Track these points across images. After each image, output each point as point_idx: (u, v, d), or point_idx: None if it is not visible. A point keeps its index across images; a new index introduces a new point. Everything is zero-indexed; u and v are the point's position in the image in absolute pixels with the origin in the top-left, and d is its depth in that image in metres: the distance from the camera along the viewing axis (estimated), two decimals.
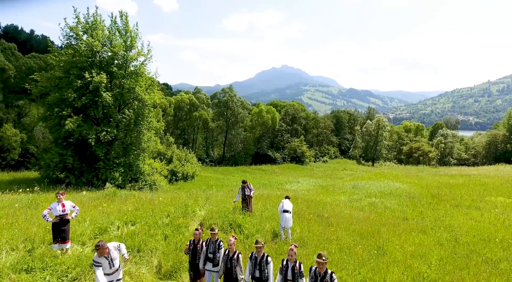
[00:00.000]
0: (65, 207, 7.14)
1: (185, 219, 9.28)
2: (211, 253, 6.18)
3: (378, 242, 10.09)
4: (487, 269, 8.58)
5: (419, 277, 7.80)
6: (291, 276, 5.43)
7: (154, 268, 6.87)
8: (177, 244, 7.81)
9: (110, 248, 5.37)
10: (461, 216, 14.93)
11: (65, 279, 5.92)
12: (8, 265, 5.85)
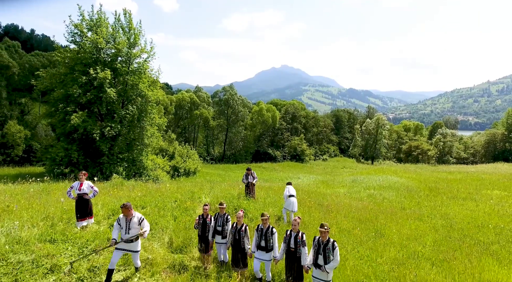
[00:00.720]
0: (83, 187, 7.64)
1: (192, 203, 9.77)
2: (219, 226, 6.66)
3: (375, 226, 10.57)
4: (479, 250, 9.05)
5: (414, 255, 8.27)
6: (293, 245, 5.89)
7: (165, 243, 7.35)
8: (186, 223, 8.30)
9: (134, 215, 5.83)
10: (457, 206, 15.40)
11: (85, 250, 6.39)
12: (34, 236, 6.32)
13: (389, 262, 7.64)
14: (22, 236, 6.18)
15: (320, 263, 5.59)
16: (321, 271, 5.58)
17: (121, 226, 5.83)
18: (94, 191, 7.85)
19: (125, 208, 5.73)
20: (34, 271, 5.42)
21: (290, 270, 5.90)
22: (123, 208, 5.75)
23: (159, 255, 6.69)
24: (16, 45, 44.50)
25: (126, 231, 5.83)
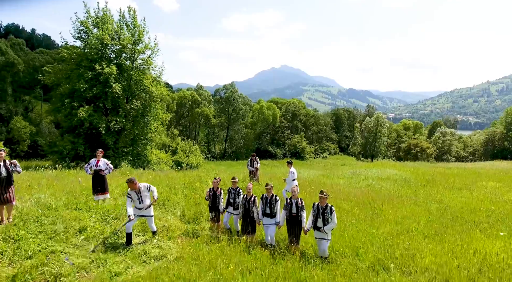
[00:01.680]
0: (99, 163, 8.29)
1: (201, 184, 10.40)
2: (232, 198, 7.31)
3: (373, 208, 11.19)
4: (469, 227, 9.66)
5: (408, 230, 8.87)
6: (295, 210, 6.53)
7: (178, 216, 7.96)
8: (196, 200, 8.93)
9: (140, 186, 6.46)
10: (452, 194, 16.01)
11: (107, 217, 7.01)
12: (61, 204, 6.94)
13: (385, 234, 8.25)
14: (51, 204, 6.80)
15: (319, 225, 6.22)
16: (320, 232, 6.21)
17: (133, 198, 6.45)
18: (110, 168, 8.50)
19: (130, 182, 6.36)
20: (65, 231, 6.04)
21: (292, 232, 6.54)
22: (129, 182, 6.37)
23: (174, 224, 7.31)
24: (21, 43, 45.20)
25: (140, 201, 6.45)
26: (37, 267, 4.82)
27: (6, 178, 6.35)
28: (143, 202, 6.47)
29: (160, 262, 5.56)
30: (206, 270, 4.93)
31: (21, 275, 4.67)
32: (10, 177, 6.42)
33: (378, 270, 6.00)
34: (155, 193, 6.64)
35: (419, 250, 7.17)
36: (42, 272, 4.77)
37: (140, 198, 6.43)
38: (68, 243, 5.75)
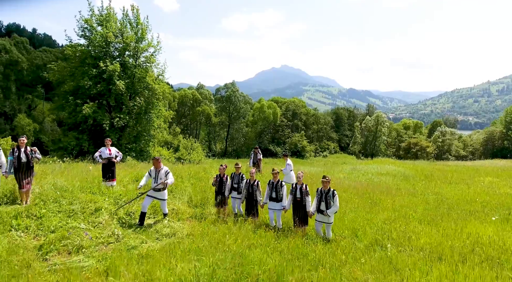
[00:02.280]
0: (111, 151, 8.72)
1: (206, 174, 10.80)
2: (235, 183, 7.71)
3: (372, 198, 11.57)
4: (464, 215, 10.04)
5: (405, 217, 9.26)
6: (299, 195, 6.91)
7: (185, 202, 8.37)
8: (202, 187, 9.33)
9: (162, 167, 6.89)
10: (449, 188, 16.38)
11: (119, 201, 7.41)
12: (76, 188, 7.34)
13: (382, 220, 8.63)
14: (67, 187, 7.20)
15: (323, 209, 6.60)
16: (323, 215, 6.60)
17: (151, 176, 6.90)
18: (120, 155, 8.94)
19: (155, 160, 6.81)
20: (82, 211, 6.44)
21: (297, 216, 6.93)
22: (154, 160, 6.85)
23: (182, 208, 7.71)
24: (25, 42, 45.60)
25: (155, 180, 6.89)
26: (60, 240, 5.22)
27: (26, 163, 6.76)
28: (157, 182, 6.90)
29: (171, 239, 5.96)
30: (216, 244, 5.32)
31: (47, 246, 5.08)
32: (29, 163, 6.83)
33: (376, 249, 6.38)
34: (170, 179, 7.03)
35: (415, 233, 7.56)
36: (65, 244, 5.17)
37: (156, 177, 6.88)
38: (85, 221, 6.15)
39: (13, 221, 5.59)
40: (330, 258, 5.29)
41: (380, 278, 4.62)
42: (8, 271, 4.10)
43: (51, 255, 4.91)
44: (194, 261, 4.49)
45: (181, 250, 5.12)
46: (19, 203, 6.72)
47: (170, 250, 5.19)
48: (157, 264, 4.44)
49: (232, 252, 5.04)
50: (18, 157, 6.81)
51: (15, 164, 6.80)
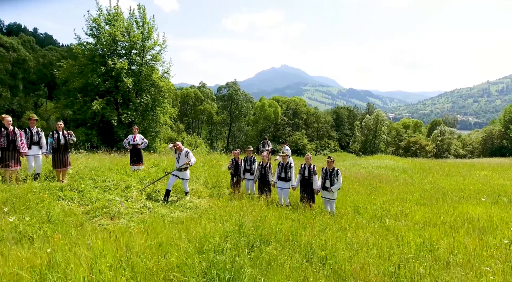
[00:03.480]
0: (136, 138, 9.56)
1: (218, 162, 11.60)
2: (248, 165, 8.51)
3: (372, 185, 12.37)
4: (457, 200, 10.83)
5: (402, 200, 10.05)
6: (307, 174, 7.71)
7: (202, 184, 9.16)
8: (215, 173, 10.14)
9: (183, 150, 7.70)
10: (446, 180, 17.18)
11: (144, 181, 8.21)
12: (106, 169, 8.14)
13: (381, 202, 9.43)
14: (99, 168, 7.99)
15: (327, 186, 7.41)
16: (328, 191, 7.40)
17: (175, 157, 7.70)
18: (145, 142, 9.81)
19: (176, 145, 7.64)
20: (115, 187, 7.24)
21: (305, 193, 7.72)
22: (174, 143, 7.68)
23: (199, 189, 8.52)
24: (31, 41, 46.43)
25: (178, 160, 7.70)
26: (102, 208, 6.01)
27: (64, 145, 7.56)
28: (178, 162, 7.72)
29: (195, 210, 6.75)
30: (235, 213, 6.11)
31: (92, 212, 5.88)
32: (67, 145, 7.63)
33: (375, 221, 7.17)
34: (192, 159, 7.84)
35: (411, 211, 8.36)
36: (107, 211, 5.95)
37: (178, 158, 7.71)
38: (119, 195, 6.93)
39: (59, 193, 6.38)
40: (336, 225, 6.09)
41: (378, 238, 5.41)
42: (67, 227, 4.87)
43: (96, 219, 5.69)
44: (221, 224, 5.27)
45: (206, 217, 5.90)
46: (57, 181, 7.50)
47: (196, 218, 5.98)
48: (189, 226, 5.22)
49: (251, 218, 5.82)
50: (57, 139, 7.64)
51: (54, 145, 7.62)
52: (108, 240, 4.05)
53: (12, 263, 3.31)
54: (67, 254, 3.48)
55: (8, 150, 6.97)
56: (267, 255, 4.06)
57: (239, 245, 4.19)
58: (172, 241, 4.24)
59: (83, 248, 3.68)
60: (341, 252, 4.52)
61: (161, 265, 3.42)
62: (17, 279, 2.95)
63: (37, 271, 3.09)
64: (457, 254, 4.60)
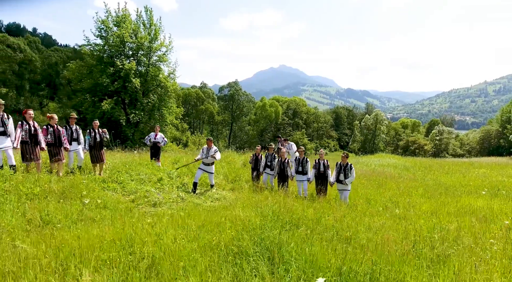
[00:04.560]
0: (157, 137, 10.22)
1: (233, 158, 12.27)
2: (269, 162, 9.21)
3: (378, 181, 13.06)
4: (459, 193, 11.54)
5: (408, 194, 10.75)
6: (322, 168, 8.40)
7: (222, 179, 9.83)
8: (233, 168, 10.81)
9: (213, 146, 8.37)
10: (447, 177, 17.91)
11: (171, 175, 8.88)
12: (136, 164, 8.80)
13: (389, 196, 10.12)
14: (130, 163, 8.64)
15: (341, 179, 8.10)
16: (342, 184, 8.09)
17: (203, 152, 8.37)
18: (165, 141, 10.47)
19: (208, 140, 8.32)
20: (149, 180, 7.90)
21: (321, 185, 8.42)
22: (207, 140, 8.40)
23: (222, 183, 9.19)
24: (37, 41, 46.87)
25: (207, 156, 8.37)
26: (143, 198, 6.65)
27: (99, 142, 8.21)
28: (208, 158, 8.39)
29: (223, 201, 7.41)
30: (263, 202, 6.77)
31: (136, 201, 6.53)
32: (102, 142, 8.28)
33: (387, 211, 7.85)
34: (218, 155, 8.54)
35: (418, 203, 9.05)
36: (148, 201, 6.61)
37: (207, 153, 8.36)
38: (153, 187, 7.58)
39: (103, 184, 7.02)
40: (353, 212, 6.76)
41: (393, 223, 6.08)
42: (119, 212, 5.51)
43: (141, 207, 6.34)
44: (254, 210, 5.93)
45: (239, 204, 6.56)
46: (93, 174, 8.14)
47: (229, 206, 6.63)
48: (225, 212, 5.88)
49: (279, 205, 6.49)
50: (94, 137, 8.29)
51: (91, 142, 8.26)
52: (167, 221, 4.70)
53: (93, 236, 3.96)
54: (137, 230, 4.14)
55: (55, 146, 7.62)
56: (302, 233, 4.73)
57: (276, 226, 4.86)
58: (218, 222, 4.90)
59: (146, 226, 4.33)
60: (362, 233, 5.19)
61: (219, 239, 4.08)
62: (111, 244, 3.59)
63: (122, 241, 3.75)
64: (463, 236, 5.28)
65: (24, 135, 7.13)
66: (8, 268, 2.88)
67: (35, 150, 7.27)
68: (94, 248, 3.49)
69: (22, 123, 7.23)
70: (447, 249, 4.21)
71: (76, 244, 3.50)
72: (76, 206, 5.26)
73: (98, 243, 3.66)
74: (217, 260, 3.56)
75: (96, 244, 3.63)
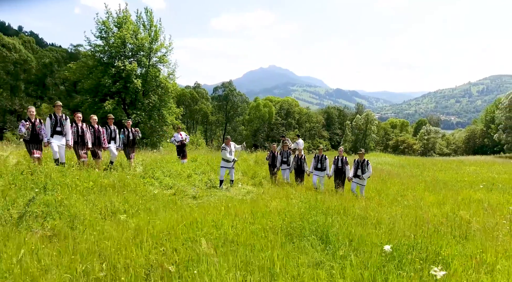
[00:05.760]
0: (182, 136, 10.80)
1: (247, 156, 12.91)
2: (285, 158, 9.89)
3: (381, 177, 13.89)
4: (458, 188, 12.46)
5: (413, 189, 11.58)
6: (341, 164, 9.13)
7: (241, 175, 10.45)
8: (248, 166, 11.47)
9: (231, 143, 8.98)
10: (441, 173, 18.95)
11: (197, 172, 9.45)
12: (165, 161, 9.34)
13: (396, 190, 10.93)
14: (160, 160, 9.18)
15: (359, 174, 8.85)
16: (360, 179, 8.84)
17: (227, 150, 8.97)
18: (188, 138, 11.07)
19: (227, 139, 8.98)
20: (179, 176, 8.46)
21: (339, 179, 9.15)
22: (226, 139, 9.01)
23: (243, 178, 9.82)
24: (31, 41, 46.27)
25: (231, 153, 8.99)
26: (181, 191, 7.22)
27: (132, 140, 8.75)
28: (231, 154, 9.01)
29: (251, 194, 8.04)
30: (292, 194, 7.43)
31: (178, 194, 7.09)
32: (134, 140, 8.83)
33: (399, 203, 8.62)
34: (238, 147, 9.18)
35: (424, 196, 9.86)
36: (186, 194, 7.18)
37: (231, 150, 8.96)
38: (185, 181, 8.15)
39: (142, 180, 7.54)
40: (372, 204, 7.49)
41: (410, 211, 6.83)
42: (163, 203, 6.08)
43: (182, 199, 6.90)
44: (286, 201, 6.59)
45: (269, 196, 7.20)
46: (129, 170, 8.67)
47: (260, 199, 7.26)
48: (261, 203, 6.51)
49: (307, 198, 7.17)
50: (128, 135, 8.82)
51: (124, 140, 8.78)
52: (225, 209, 5.32)
53: (166, 221, 4.55)
54: (201, 216, 4.75)
55: (95, 145, 8.16)
56: (338, 219, 5.41)
57: (318, 213, 5.53)
58: (263, 211, 5.53)
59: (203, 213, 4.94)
60: (387, 220, 5.91)
61: (273, 223, 4.72)
62: (190, 226, 4.20)
63: (191, 224, 4.36)
64: (476, 220, 6.06)
65: (74, 136, 7.68)
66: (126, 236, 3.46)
67: (82, 149, 7.83)
68: (176, 229, 4.09)
69: (72, 125, 7.74)
70: (467, 229, 4.96)
71: (164, 225, 4.10)
72: (132, 198, 5.80)
73: (175, 225, 4.26)
74: (279, 239, 4.20)
75: (175, 226, 4.22)
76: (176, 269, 3.00)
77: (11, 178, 5.37)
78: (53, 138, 7.36)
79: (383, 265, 3.45)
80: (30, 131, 7.12)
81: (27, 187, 5.22)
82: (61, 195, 5.01)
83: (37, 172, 5.87)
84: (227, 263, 3.15)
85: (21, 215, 4.15)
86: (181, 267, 3.07)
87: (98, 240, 3.69)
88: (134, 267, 3.05)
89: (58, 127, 7.40)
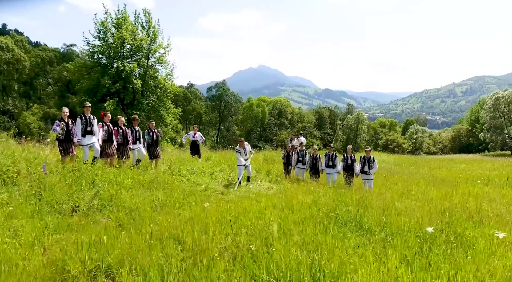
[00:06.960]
0: (196, 136, 11.22)
1: (256, 155, 13.42)
2: (300, 157, 10.45)
3: (382, 174, 14.59)
4: (455, 184, 13.24)
5: (416, 185, 12.29)
6: (350, 161, 9.74)
7: (255, 173, 10.94)
8: (261, 163, 11.97)
9: (245, 144, 9.46)
10: (435, 171, 19.86)
11: (215, 170, 9.90)
12: (186, 160, 9.76)
13: (399, 187, 11.60)
14: (182, 158, 9.60)
15: (366, 170, 9.50)
16: (367, 174, 9.47)
17: (241, 152, 9.46)
18: (202, 139, 11.46)
19: (241, 141, 9.51)
20: (202, 173, 8.91)
21: (348, 175, 9.76)
22: (240, 141, 9.58)
23: (259, 176, 10.32)
24: (24, 40, 45.55)
25: (245, 154, 9.48)
26: (210, 188, 7.67)
27: (156, 140, 9.16)
28: (246, 154, 9.51)
29: (272, 190, 8.55)
30: (314, 189, 7.96)
31: (208, 189, 7.54)
32: (158, 140, 9.24)
33: (407, 197, 9.27)
34: (252, 150, 9.67)
35: (428, 191, 10.55)
36: (215, 190, 7.63)
37: (245, 151, 9.44)
38: (210, 178, 8.61)
39: (171, 177, 7.95)
40: (385, 197, 8.09)
41: (422, 204, 7.45)
42: (200, 198, 6.53)
43: (213, 195, 7.35)
44: (308, 196, 7.12)
45: (290, 192, 7.72)
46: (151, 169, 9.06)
47: (279, 194, 7.76)
48: (288, 197, 7.02)
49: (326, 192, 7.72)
50: (152, 136, 9.21)
51: (149, 141, 9.16)
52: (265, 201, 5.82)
53: (217, 213, 5.02)
54: (247, 207, 5.24)
55: (123, 145, 8.54)
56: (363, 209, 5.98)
57: (344, 205, 6.08)
58: (295, 203, 6.05)
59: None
60: (404, 211, 6.51)
61: (311, 214, 5.25)
62: (239, 216, 4.69)
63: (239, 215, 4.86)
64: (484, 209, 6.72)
65: (104, 135, 8.01)
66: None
67: (110, 147, 8.17)
68: (228, 218, 4.58)
69: (102, 125, 8.08)
70: (482, 217, 5.60)
71: (219, 215, 4.58)
72: (173, 193, 6.24)
73: (228, 216, 4.74)
74: (320, 227, 4.73)
75: (227, 216, 4.70)
76: (255, 247, 3.49)
77: (61, 175, 5.73)
78: (84, 138, 7.68)
79: (420, 247, 4.01)
80: (65, 131, 7.44)
81: (78, 183, 5.60)
82: (112, 190, 5.41)
83: (81, 169, 6.24)
84: (293, 243, 3.67)
85: (89, 207, 4.55)
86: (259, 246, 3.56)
87: (172, 226, 4.15)
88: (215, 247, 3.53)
89: (89, 127, 7.74)
